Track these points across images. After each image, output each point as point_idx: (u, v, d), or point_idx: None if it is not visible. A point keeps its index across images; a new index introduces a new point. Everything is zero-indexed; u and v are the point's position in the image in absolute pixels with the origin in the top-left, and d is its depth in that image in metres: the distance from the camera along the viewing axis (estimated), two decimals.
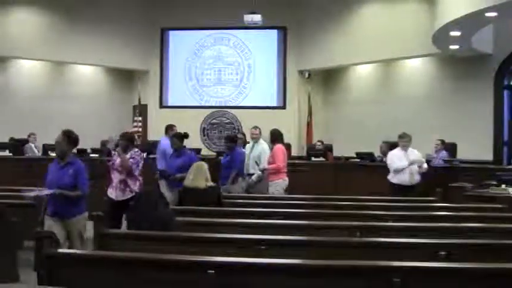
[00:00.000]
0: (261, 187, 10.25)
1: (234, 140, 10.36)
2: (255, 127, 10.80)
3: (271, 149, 10.28)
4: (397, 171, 9.71)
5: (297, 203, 8.39)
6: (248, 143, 11.37)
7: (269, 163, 10.00)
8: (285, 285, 3.94)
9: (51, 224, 6.11)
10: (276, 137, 10.35)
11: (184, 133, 9.65)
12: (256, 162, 10.34)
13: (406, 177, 9.65)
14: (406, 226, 6.16)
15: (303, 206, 8.07)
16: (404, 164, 9.64)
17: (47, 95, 17.19)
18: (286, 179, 10.13)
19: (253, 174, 10.28)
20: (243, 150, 10.71)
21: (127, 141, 8.29)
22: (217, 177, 9.99)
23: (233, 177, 9.87)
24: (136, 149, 8.31)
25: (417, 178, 9.72)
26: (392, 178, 9.82)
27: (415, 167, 9.67)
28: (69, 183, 6.15)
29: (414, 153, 9.86)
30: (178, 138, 9.48)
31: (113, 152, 9.16)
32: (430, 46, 13.27)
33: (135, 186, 8.09)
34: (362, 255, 4.54)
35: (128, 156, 8.08)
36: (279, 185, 9.95)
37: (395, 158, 9.82)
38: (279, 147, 10.17)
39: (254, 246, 4.87)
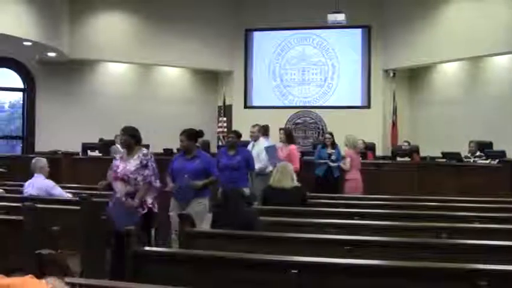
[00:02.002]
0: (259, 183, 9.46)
1: (240, 136, 9.37)
2: (254, 125, 10.46)
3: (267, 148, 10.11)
4: None
5: (381, 203, 8.31)
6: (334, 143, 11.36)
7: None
8: (368, 286, 3.93)
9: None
10: (292, 137, 10.75)
11: (199, 130, 7.85)
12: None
13: None
14: (493, 228, 6.02)
15: (387, 206, 7.99)
16: None
17: (134, 96, 17.66)
18: None
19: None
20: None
21: (131, 136, 6.73)
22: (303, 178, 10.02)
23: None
24: (144, 149, 6.75)
25: None
26: None
27: None
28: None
29: None
30: (188, 136, 7.53)
31: (115, 156, 7.38)
32: None
33: (151, 198, 6.61)
34: (447, 257, 4.48)
35: (135, 159, 6.57)
36: None
37: None
38: (294, 148, 10.52)
39: (337, 247, 4.86)
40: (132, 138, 6.69)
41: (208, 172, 7.47)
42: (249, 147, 10.31)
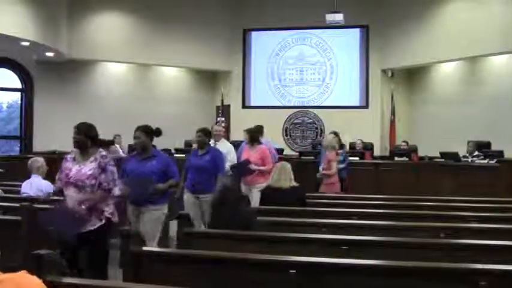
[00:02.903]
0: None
1: (209, 134, 8.58)
2: (219, 123, 10.29)
3: (234, 148, 9.70)
4: None
5: (380, 203, 8.31)
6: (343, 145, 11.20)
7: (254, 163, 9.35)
8: (366, 286, 3.93)
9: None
10: (257, 137, 9.91)
11: (157, 128, 7.12)
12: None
13: None
14: (492, 228, 6.02)
15: (386, 206, 7.99)
16: None
17: (132, 96, 17.66)
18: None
19: None
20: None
21: (85, 136, 5.83)
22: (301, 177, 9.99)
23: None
24: (102, 151, 5.87)
25: None
26: None
27: None
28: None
29: None
30: (145, 132, 6.94)
31: (67, 156, 6.03)
32: None
33: (109, 207, 5.72)
34: (446, 257, 4.48)
35: (91, 162, 5.70)
36: (261, 187, 8.51)
37: None
38: (265, 148, 9.85)
39: (336, 247, 4.86)
40: (86, 138, 5.78)
41: (167, 174, 6.76)
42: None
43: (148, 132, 6.92)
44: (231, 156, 9.30)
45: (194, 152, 8.47)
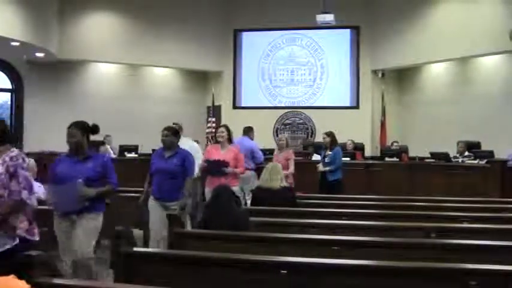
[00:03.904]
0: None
1: (177, 133, 7.51)
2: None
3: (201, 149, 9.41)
4: None
5: (371, 203, 8.34)
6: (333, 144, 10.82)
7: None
8: (357, 286, 3.93)
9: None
10: (231, 136, 8.73)
11: (93, 125, 6.42)
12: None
13: None
14: (482, 228, 6.05)
15: (376, 206, 8.01)
16: None
17: (123, 97, 17.60)
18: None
19: None
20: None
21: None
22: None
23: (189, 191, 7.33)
24: (14, 150, 4.68)
25: None
26: None
27: None
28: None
29: None
30: (80, 129, 6.19)
31: None
32: (507, 43, 12.90)
33: (24, 222, 4.68)
34: (436, 257, 4.49)
35: None
36: (237, 191, 7.85)
37: None
38: (237, 148, 8.78)
39: (327, 247, 4.87)
40: None
41: (106, 179, 5.75)
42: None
43: (84, 128, 6.09)
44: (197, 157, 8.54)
45: (159, 154, 7.38)
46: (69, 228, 5.61)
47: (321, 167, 10.56)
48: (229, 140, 8.65)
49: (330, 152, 10.60)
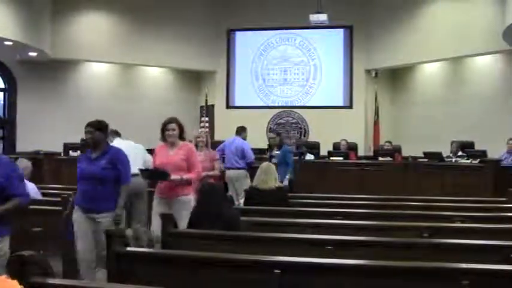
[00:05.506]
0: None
1: (101, 128, 6.17)
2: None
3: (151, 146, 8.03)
4: None
5: (364, 203, 8.33)
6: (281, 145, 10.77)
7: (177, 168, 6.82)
8: (350, 285, 3.93)
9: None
10: (183, 131, 7.15)
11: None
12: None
13: None
14: (475, 227, 6.06)
15: (370, 206, 8.02)
16: None
17: (116, 96, 17.58)
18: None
19: None
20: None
21: None
22: None
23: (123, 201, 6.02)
24: None
25: None
26: None
27: None
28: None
29: None
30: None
31: None
32: (499, 43, 12.94)
33: None
34: (429, 257, 4.50)
35: None
36: (191, 201, 6.74)
37: None
38: (191, 146, 7.34)
39: (320, 247, 4.87)
40: None
41: (8, 191, 4.40)
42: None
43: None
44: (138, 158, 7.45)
45: (86, 155, 6.18)
46: None
47: None
48: (181, 137, 7.02)
49: (278, 152, 10.54)
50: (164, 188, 6.77)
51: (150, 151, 12.29)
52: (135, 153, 6.91)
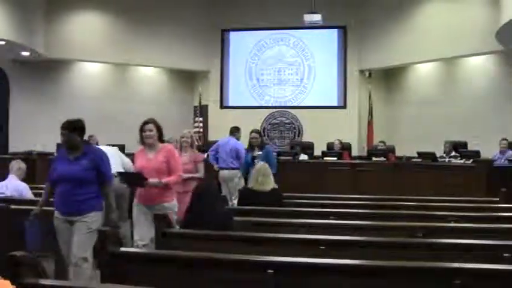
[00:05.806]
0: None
1: (75, 129, 5.96)
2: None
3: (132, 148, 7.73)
4: None
5: (358, 203, 8.34)
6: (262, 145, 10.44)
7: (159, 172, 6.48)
8: (344, 285, 3.93)
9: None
10: (162, 133, 6.80)
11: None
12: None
13: None
14: (468, 227, 6.07)
15: (363, 206, 8.02)
16: None
17: (109, 96, 17.54)
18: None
19: None
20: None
21: None
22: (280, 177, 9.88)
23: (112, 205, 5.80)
24: None
25: None
26: None
27: None
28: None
29: None
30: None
31: None
32: (493, 43, 12.97)
33: None
34: (423, 257, 4.50)
35: None
36: (174, 207, 6.60)
37: None
38: (171, 147, 6.99)
39: (314, 247, 4.87)
40: None
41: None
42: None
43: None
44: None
45: (62, 155, 5.94)
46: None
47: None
48: (160, 139, 6.72)
49: (260, 152, 10.14)
50: (145, 195, 6.47)
51: None
52: (111, 155, 6.46)
